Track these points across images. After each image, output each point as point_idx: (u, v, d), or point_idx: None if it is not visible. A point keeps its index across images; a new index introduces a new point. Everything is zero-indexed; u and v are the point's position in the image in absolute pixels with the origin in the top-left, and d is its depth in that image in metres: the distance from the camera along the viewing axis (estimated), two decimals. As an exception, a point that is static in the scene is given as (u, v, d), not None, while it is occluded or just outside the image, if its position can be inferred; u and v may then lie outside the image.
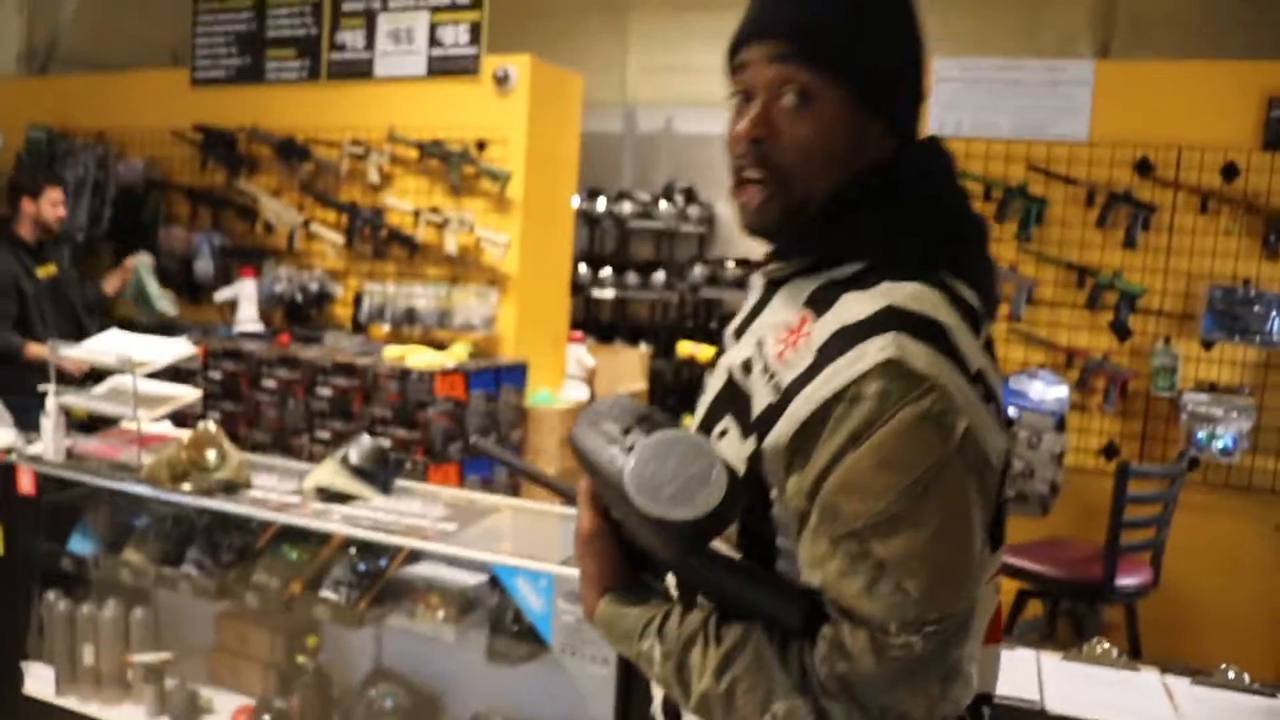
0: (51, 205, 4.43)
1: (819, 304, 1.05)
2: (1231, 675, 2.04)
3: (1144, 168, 4.13)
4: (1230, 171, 4.03)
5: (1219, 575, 3.97)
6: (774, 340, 1.06)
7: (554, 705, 2.41)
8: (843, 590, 0.95)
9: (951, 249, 1.08)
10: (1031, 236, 4.25)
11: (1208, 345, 4.08)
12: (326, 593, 2.66)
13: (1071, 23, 6.19)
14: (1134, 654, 3.45)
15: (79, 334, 4.08)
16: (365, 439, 2.81)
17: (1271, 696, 1.98)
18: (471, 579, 2.62)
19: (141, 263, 4.91)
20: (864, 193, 1.08)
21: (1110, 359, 4.19)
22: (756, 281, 1.21)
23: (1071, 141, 4.24)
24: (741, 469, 1.04)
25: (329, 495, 2.74)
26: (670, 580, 1.17)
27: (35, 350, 4.05)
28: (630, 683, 2.11)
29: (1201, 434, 3.98)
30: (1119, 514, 3.35)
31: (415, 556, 2.73)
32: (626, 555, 1.12)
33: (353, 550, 2.73)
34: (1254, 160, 4.00)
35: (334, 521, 2.56)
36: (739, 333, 1.18)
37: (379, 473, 2.76)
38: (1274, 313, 3.95)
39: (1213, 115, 4.07)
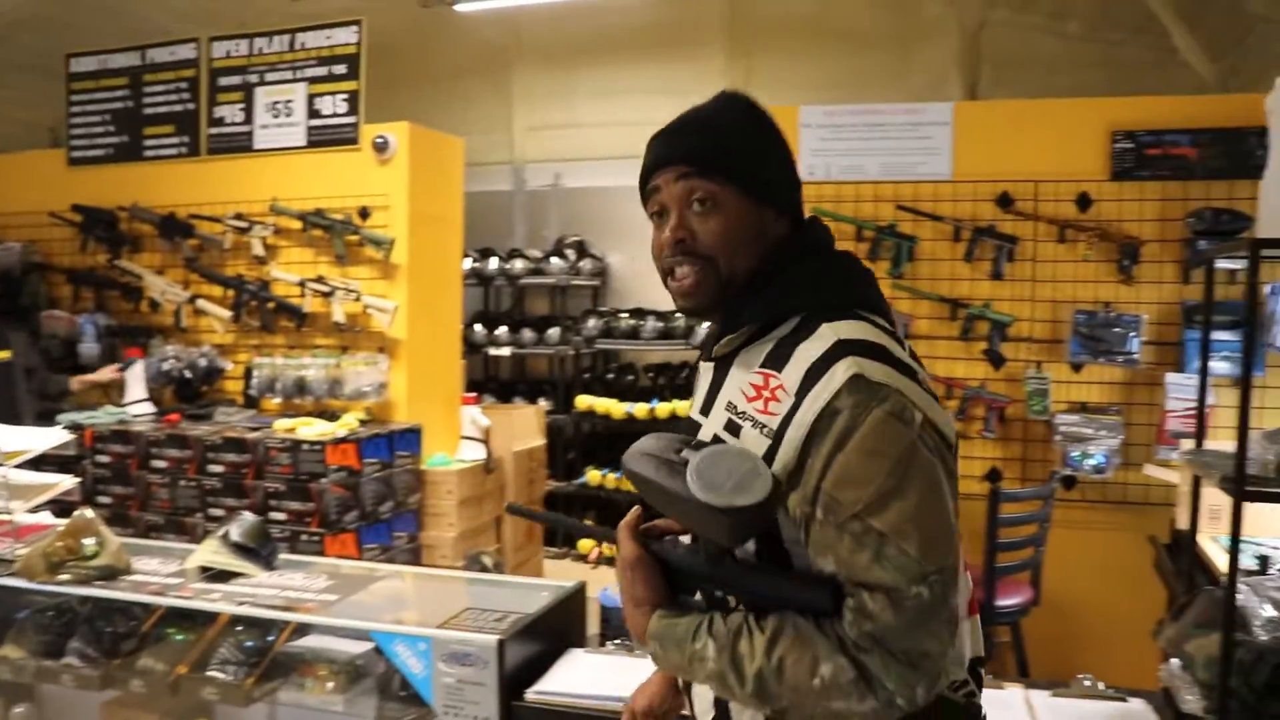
0: None
1: (776, 362, 1.27)
2: (1088, 684, 2.13)
3: (1005, 202, 4.32)
4: (1084, 201, 4.24)
5: (1100, 587, 4.11)
6: (744, 400, 1.28)
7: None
8: (855, 565, 1.16)
9: (858, 293, 1.35)
10: (904, 273, 4.40)
11: (1076, 368, 4.26)
12: (214, 672, 2.63)
13: (940, 65, 6.45)
14: (1022, 672, 3.56)
15: (15, 422, 4.06)
16: (246, 515, 2.81)
17: (1123, 700, 2.08)
18: (358, 648, 2.61)
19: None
20: (781, 263, 1.34)
21: (987, 387, 4.34)
22: (704, 366, 1.43)
23: (936, 180, 4.42)
24: None
25: (212, 574, 2.72)
26: (697, 597, 1.36)
27: None
28: (513, 739, 2.13)
29: (1075, 453, 4.14)
30: (993, 537, 3.46)
31: (303, 629, 2.71)
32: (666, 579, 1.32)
33: (239, 628, 2.71)
34: (1104, 190, 4.22)
35: (215, 600, 2.55)
36: (705, 410, 1.37)
37: (261, 548, 2.75)
38: (1133, 333, 4.14)
39: (1065, 149, 4.28)
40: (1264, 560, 2.75)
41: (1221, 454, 2.11)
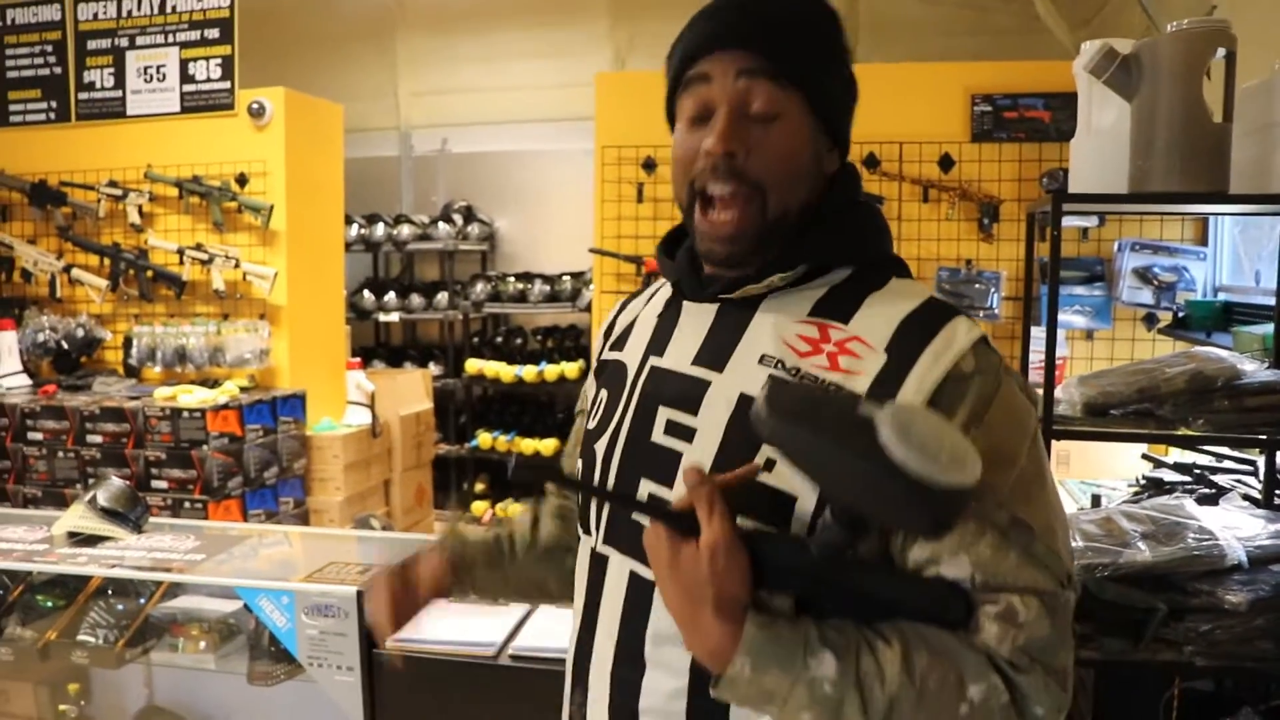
0: None
1: (835, 311, 1.06)
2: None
3: (871, 162, 4.46)
4: (946, 162, 4.41)
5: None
6: (795, 355, 1.04)
7: (313, 716, 2.48)
8: (1000, 565, 0.94)
9: (892, 251, 1.17)
10: (777, 234, 4.52)
11: (941, 323, 4.43)
12: (84, 636, 2.66)
13: (820, 30, 6.55)
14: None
15: None
16: (113, 480, 2.82)
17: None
18: (229, 606, 2.67)
19: None
20: (835, 203, 1.12)
21: (857, 343, 4.49)
22: (693, 308, 1.16)
23: (805, 142, 4.54)
24: (815, 495, 0.98)
25: (80, 539, 2.74)
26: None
27: None
28: (374, 686, 2.21)
29: (938, 405, 4.32)
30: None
31: (176, 591, 2.75)
32: None
33: (110, 592, 2.73)
34: (965, 151, 4.39)
35: (80, 564, 2.57)
36: (710, 361, 1.10)
37: (129, 512, 2.77)
38: (993, 289, 4.33)
39: (927, 111, 4.44)
40: (1096, 499, 2.94)
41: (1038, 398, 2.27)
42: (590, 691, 1.14)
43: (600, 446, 1.17)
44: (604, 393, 1.22)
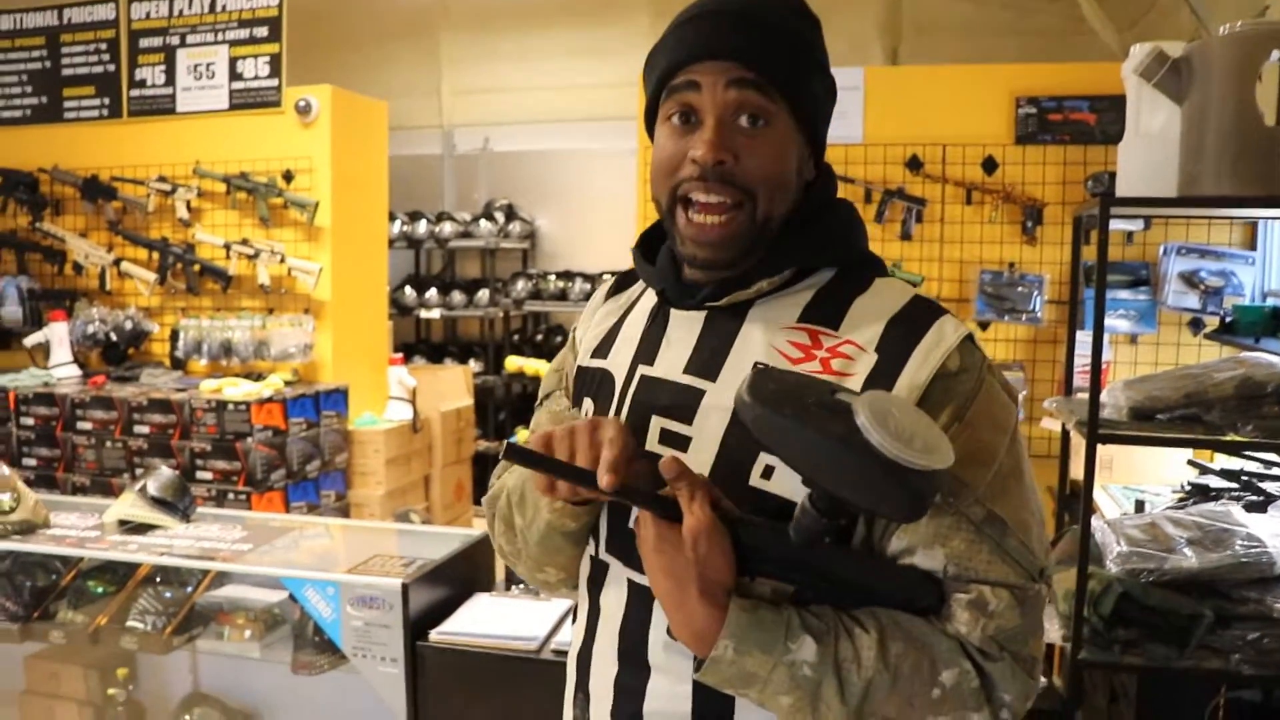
0: None
1: (823, 318, 1.07)
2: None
3: (914, 165, 4.44)
4: (990, 165, 4.38)
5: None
6: (788, 363, 1.05)
7: (356, 707, 2.51)
8: (974, 558, 0.98)
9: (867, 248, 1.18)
10: (819, 235, 4.52)
11: (984, 326, 4.41)
12: (133, 622, 2.71)
13: (862, 31, 6.55)
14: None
15: None
16: (163, 470, 2.87)
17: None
18: (274, 596, 2.70)
19: None
20: (814, 207, 1.12)
21: (897, 345, 4.48)
22: (682, 316, 1.14)
23: (847, 143, 4.52)
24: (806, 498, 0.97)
25: (130, 527, 2.79)
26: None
27: None
28: (417, 678, 2.24)
29: (980, 408, 4.30)
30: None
31: (222, 580, 2.79)
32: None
33: (158, 580, 2.78)
34: (1009, 154, 4.36)
35: (132, 552, 2.62)
36: (702, 370, 1.10)
37: (178, 501, 2.82)
38: (1035, 292, 4.30)
39: (971, 114, 4.41)
40: (1140, 504, 2.92)
41: (1082, 402, 2.26)
42: (592, 697, 1.16)
43: None
44: (589, 402, 1.21)
